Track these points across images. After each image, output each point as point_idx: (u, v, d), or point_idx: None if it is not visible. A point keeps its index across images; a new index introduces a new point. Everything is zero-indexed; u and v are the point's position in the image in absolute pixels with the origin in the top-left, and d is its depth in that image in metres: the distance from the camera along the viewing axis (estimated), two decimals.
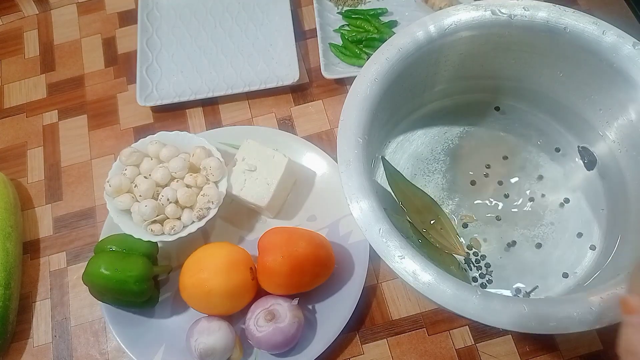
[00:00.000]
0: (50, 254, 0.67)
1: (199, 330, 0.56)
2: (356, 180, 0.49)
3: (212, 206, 0.59)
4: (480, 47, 0.57)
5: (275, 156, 0.61)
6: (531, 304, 0.43)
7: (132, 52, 0.77)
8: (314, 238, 0.58)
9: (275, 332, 0.55)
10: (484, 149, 0.65)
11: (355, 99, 0.52)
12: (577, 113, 0.61)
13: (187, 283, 0.56)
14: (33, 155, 0.73)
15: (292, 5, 0.76)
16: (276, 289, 0.57)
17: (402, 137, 0.66)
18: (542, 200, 0.62)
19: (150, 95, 0.73)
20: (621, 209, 0.58)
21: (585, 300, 0.43)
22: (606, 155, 0.60)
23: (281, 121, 0.72)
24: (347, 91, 0.53)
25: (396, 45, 0.54)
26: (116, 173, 0.61)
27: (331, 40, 0.74)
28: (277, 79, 0.72)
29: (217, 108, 0.73)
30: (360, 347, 0.60)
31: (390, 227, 0.47)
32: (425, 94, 0.64)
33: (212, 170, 0.60)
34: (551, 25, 0.53)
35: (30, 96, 0.77)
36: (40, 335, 0.63)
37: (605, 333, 0.58)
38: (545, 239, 0.60)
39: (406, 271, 0.45)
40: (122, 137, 0.73)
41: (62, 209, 0.70)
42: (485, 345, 0.59)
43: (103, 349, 0.62)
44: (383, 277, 0.62)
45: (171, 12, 0.79)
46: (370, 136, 0.52)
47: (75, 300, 0.65)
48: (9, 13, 0.83)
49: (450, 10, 0.55)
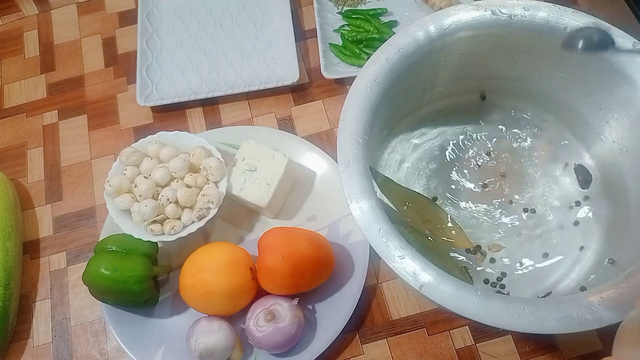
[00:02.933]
0: (50, 254, 0.67)
1: (199, 330, 0.56)
2: (356, 180, 0.49)
3: (212, 206, 0.59)
4: (480, 47, 0.57)
5: (275, 156, 0.61)
6: (531, 304, 0.43)
7: (132, 52, 0.77)
8: (314, 238, 0.58)
9: (275, 332, 0.55)
10: (485, 150, 0.65)
11: (355, 99, 0.52)
12: (577, 113, 0.60)
13: (187, 283, 0.56)
14: (33, 155, 0.73)
15: (292, 5, 0.76)
16: (276, 289, 0.57)
17: (402, 137, 0.66)
18: (542, 203, 0.62)
19: (150, 95, 0.73)
20: (621, 209, 0.58)
21: (585, 300, 0.43)
22: (606, 156, 0.60)
23: (281, 121, 0.72)
24: (347, 91, 0.53)
25: (396, 45, 0.54)
26: (116, 173, 0.61)
27: (331, 40, 0.74)
28: (277, 79, 0.72)
29: (217, 108, 0.73)
30: (360, 347, 0.60)
31: (390, 227, 0.47)
32: (426, 94, 0.64)
33: (212, 170, 0.60)
34: (551, 25, 0.53)
35: (30, 96, 0.77)
36: (40, 335, 0.63)
37: (605, 333, 0.57)
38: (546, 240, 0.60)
39: (406, 271, 0.45)
40: (122, 137, 0.73)
41: (62, 209, 0.70)
42: (485, 345, 0.59)
43: (103, 349, 0.62)
44: (383, 277, 0.62)
45: (171, 12, 0.79)
46: (370, 136, 0.52)
47: (75, 300, 0.65)
48: (9, 13, 0.83)
49: (450, 10, 0.55)
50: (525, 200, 0.62)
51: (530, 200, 0.62)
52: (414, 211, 0.61)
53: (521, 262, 0.59)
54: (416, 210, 0.61)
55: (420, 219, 0.61)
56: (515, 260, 0.59)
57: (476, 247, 0.60)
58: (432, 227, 0.61)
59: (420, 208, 0.61)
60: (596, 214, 0.60)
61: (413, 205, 0.61)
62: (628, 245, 0.54)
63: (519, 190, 0.63)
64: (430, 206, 0.62)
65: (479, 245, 0.60)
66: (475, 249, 0.60)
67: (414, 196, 0.62)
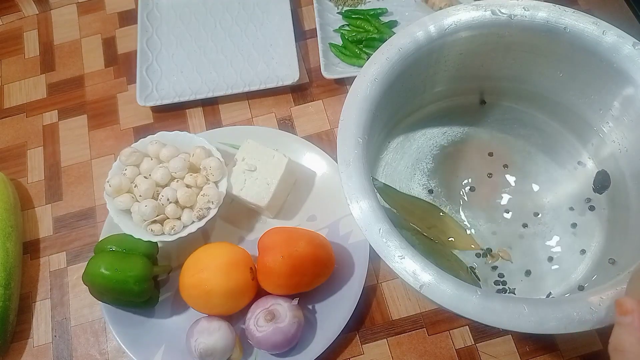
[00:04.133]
0: (50, 254, 0.67)
1: (199, 330, 0.56)
2: (356, 180, 0.49)
3: (212, 206, 0.59)
4: (480, 47, 0.57)
5: (275, 156, 0.61)
6: (531, 304, 0.43)
7: (132, 52, 0.77)
8: (314, 238, 0.58)
9: (275, 332, 0.55)
10: (485, 150, 0.65)
11: (355, 99, 0.52)
12: (577, 113, 0.60)
13: (187, 283, 0.56)
14: (33, 155, 0.73)
15: (292, 5, 0.76)
16: (276, 289, 0.57)
17: (402, 138, 0.66)
18: (542, 204, 0.62)
19: (150, 95, 0.73)
20: (621, 210, 0.58)
21: (585, 300, 0.43)
22: (606, 156, 0.60)
23: (281, 121, 0.72)
24: (347, 91, 0.53)
25: (396, 45, 0.54)
26: (116, 173, 0.61)
27: (331, 40, 0.74)
28: (277, 79, 0.72)
29: (217, 108, 0.73)
30: (360, 347, 0.60)
31: (390, 227, 0.47)
32: (426, 94, 0.64)
33: (212, 170, 0.60)
34: (551, 25, 0.53)
35: (30, 96, 0.77)
36: (40, 335, 0.63)
37: (605, 333, 0.57)
38: (548, 242, 0.60)
39: (406, 271, 0.45)
40: (122, 137, 0.73)
41: (62, 209, 0.70)
42: (485, 345, 0.59)
43: (103, 349, 0.62)
44: (383, 277, 0.62)
45: (171, 12, 0.79)
46: (370, 136, 0.52)
47: (75, 300, 0.65)
48: (9, 13, 0.83)
49: (450, 10, 0.55)
50: (526, 201, 0.62)
51: (532, 202, 0.62)
52: (417, 218, 0.61)
53: (523, 263, 0.59)
54: (419, 217, 0.61)
55: (425, 225, 0.60)
56: (517, 261, 0.59)
57: (486, 250, 0.60)
58: (437, 232, 0.60)
59: (424, 214, 0.61)
60: (597, 215, 0.60)
61: (416, 211, 0.61)
62: (628, 246, 0.54)
63: (519, 191, 0.62)
64: (434, 211, 0.61)
65: (489, 248, 0.60)
66: (486, 251, 0.60)
67: (416, 202, 0.62)
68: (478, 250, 0.60)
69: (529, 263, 0.59)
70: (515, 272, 0.59)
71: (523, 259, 0.59)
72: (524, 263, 0.59)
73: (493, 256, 0.59)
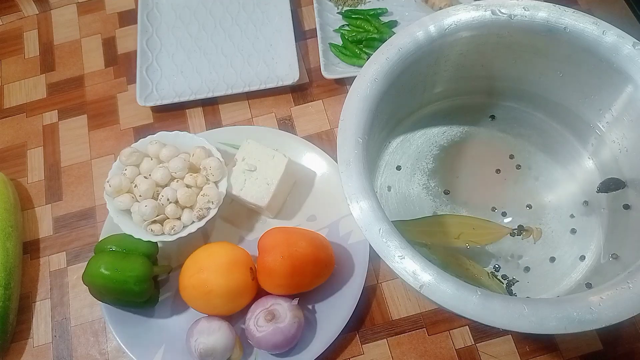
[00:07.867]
0: (50, 254, 0.67)
1: (199, 330, 0.56)
2: (356, 180, 0.49)
3: (212, 206, 0.59)
4: (480, 47, 0.57)
5: (275, 156, 0.61)
6: (531, 304, 0.43)
7: (132, 52, 0.77)
8: (314, 238, 0.58)
9: (275, 332, 0.55)
10: (485, 150, 0.65)
11: (355, 99, 0.52)
12: (576, 113, 0.60)
13: (187, 283, 0.56)
14: (33, 155, 0.73)
15: (292, 5, 0.76)
16: (276, 289, 0.57)
17: (402, 138, 0.66)
18: (543, 204, 0.62)
19: (150, 95, 0.73)
20: (622, 210, 0.58)
21: (585, 300, 0.43)
22: (606, 156, 0.60)
23: (281, 121, 0.72)
24: (347, 91, 0.53)
25: (396, 45, 0.54)
26: (116, 173, 0.61)
27: (331, 40, 0.74)
28: (277, 79, 0.72)
29: (217, 108, 0.73)
30: (360, 347, 0.60)
31: (390, 227, 0.47)
32: (426, 94, 0.64)
33: (212, 170, 0.60)
34: (551, 25, 0.53)
35: (30, 96, 0.77)
36: (40, 335, 0.63)
37: (605, 333, 0.58)
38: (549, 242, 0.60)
39: (406, 271, 0.45)
40: (122, 137, 0.73)
41: (62, 209, 0.70)
42: (485, 345, 0.59)
43: (103, 349, 0.62)
44: (383, 277, 0.62)
45: (171, 12, 0.79)
46: (370, 136, 0.52)
47: (75, 300, 0.65)
48: (9, 13, 0.83)
49: (450, 10, 0.55)
50: (526, 201, 0.62)
51: (532, 202, 0.62)
52: (430, 233, 0.60)
53: (524, 263, 0.59)
54: (431, 232, 0.60)
55: (443, 240, 0.59)
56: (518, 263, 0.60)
57: (519, 227, 0.60)
58: (441, 235, 0.60)
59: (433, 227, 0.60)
60: (597, 215, 0.60)
61: (426, 229, 0.60)
62: (628, 246, 0.55)
63: (519, 192, 0.62)
64: (439, 219, 0.61)
65: (520, 225, 0.60)
66: (519, 228, 0.60)
67: (420, 221, 0.61)
68: (510, 232, 0.59)
69: (531, 265, 0.59)
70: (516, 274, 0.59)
71: (525, 259, 0.59)
72: (524, 263, 0.59)
73: (527, 230, 0.59)
